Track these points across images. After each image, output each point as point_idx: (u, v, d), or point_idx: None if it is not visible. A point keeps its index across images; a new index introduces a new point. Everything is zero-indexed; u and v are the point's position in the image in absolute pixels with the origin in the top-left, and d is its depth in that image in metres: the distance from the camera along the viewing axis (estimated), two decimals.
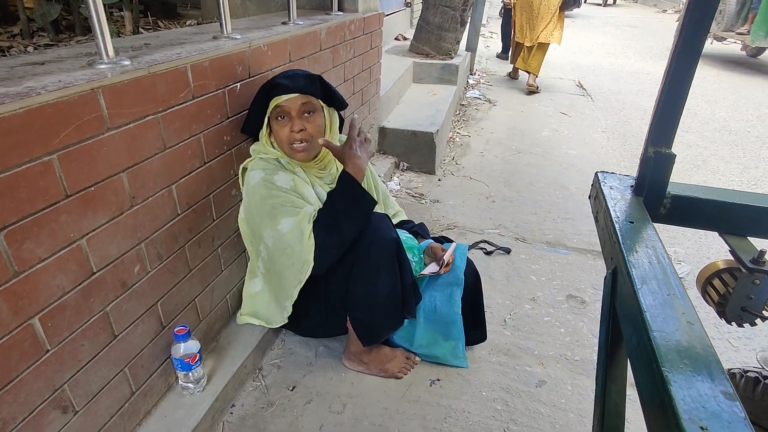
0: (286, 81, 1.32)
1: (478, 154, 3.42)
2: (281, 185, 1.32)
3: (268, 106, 1.33)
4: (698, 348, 0.50)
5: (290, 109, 1.32)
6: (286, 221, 1.29)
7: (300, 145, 1.34)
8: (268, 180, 1.31)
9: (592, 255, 2.28)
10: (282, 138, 1.35)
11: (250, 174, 1.34)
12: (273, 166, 1.35)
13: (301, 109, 1.33)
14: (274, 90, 1.31)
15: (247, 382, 1.48)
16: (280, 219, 1.29)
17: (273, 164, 1.36)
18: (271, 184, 1.31)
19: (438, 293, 1.55)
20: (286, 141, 1.34)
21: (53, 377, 0.93)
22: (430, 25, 4.07)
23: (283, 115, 1.33)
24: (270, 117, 1.35)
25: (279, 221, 1.29)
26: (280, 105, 1.31)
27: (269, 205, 1.31)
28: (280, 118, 1.33)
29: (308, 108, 1.35)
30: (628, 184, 0.86)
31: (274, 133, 1.36)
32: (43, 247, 0.87)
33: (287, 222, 1.29)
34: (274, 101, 1.31)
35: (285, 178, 1.34)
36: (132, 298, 1.11)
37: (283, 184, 1.33)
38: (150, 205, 1.11)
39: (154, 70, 1.05)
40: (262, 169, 1.33)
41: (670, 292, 0.57)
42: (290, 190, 1.33)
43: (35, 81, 0.90)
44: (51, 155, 0.85)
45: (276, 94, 1.31)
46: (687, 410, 0.42)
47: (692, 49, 0.73)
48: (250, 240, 1.43)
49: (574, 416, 1.45)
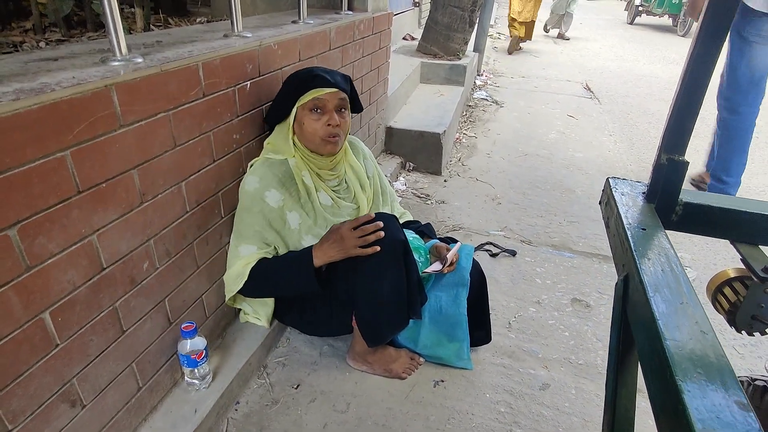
0: (326, 75, 1.33)
1: (484, 156, 3.41)
2: (269, 202, 1.35)
3: (300, 97, 1.33)
4: (712, 357, 0.50)
5: (328, 103, 1.33)
6: (247, 248, 1.37)
7: (334, 138, 1.36)
8: (259, 194, 1.34)
9: (598, 259, 2.27)
10: (315, 129, 1.35)
11: (248, 177, 1.36)
12: (271, 177, 1.35)
13: (338, 104, 1.35)
14: (316, 81, 1.31)
15: (252, 380, 1.49)
16: (243, 243, 1.36)
17: (274, 174, 1.36)
18: (259, 200, 1.34)
19: (443, 294, 1.55)
20: (320, 134, 1.35)
21: (62, 371, 0.94)
22: (439, 25, 4.06)
23: (320, 107, 1.33)
24: (300, 108, 1.35)
25: (242, 243, 1.37)
26: (319, 97, 1.32)
27: (245, 222, 1.36)
28: (316, 110, 1.34)
29: (344, 105, 1.37)
30: (640, 191, 0.86)
31: (305, 126, 1.35)
32: (54, 242, 0.87)
33: (247, 249, 1.37)
34: (314, 92, 1.31)
35: (276, 197, 1.35)
36: (140, 294, 1.11)
37: (270, 202, 1.35)
38: (160, 202, 1.12)
39: (167, 68, 1.06)
40: (260, 177, 1.34)
41: (683, 300, 0.57)
42: (276, 209, 1.36)
43: (49, 77, 0.90)
44: (64, 151, 0.86)
45: (317, 85, 1.31)
46: (701, 420, 0.42)
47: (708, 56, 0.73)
48: None
49: (578, 420, 1.44)
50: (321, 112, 1.34)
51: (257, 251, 1.37)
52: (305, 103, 1.33)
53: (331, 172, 1.48)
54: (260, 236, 1.37)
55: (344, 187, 1.53)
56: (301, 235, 1.41)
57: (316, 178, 1.44)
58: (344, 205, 1.49)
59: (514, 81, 5.53)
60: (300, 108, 1.35)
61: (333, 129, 1.35)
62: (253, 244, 1.37)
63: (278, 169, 1.37)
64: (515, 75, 5.80)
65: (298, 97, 1.33)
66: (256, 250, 1.37)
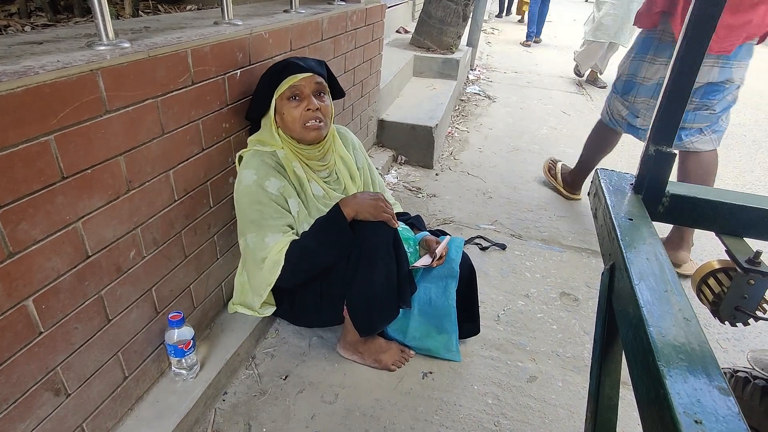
0: (299, 61, 1.32)
1: (476, 150, 3.42)
2: (272, 191, 1.33)
3: (277, 88, 1.32)
4: (694, 344, 0.50)
5: (304, 88, 1.32)
6: (273, 237, 1.33)
7: (315, 123, 1.34)
8: (260, 185, 1.32)
9: (587, 253, 2.29)
10: (295, 117, 1.33)
11: (243, 173, 1.34)
12: (266, 167, 1.34)
13: (315, 89, 1.34)
14: (288, 69, 1.30)
15: (240, 370, 1.48)
16: (268, 233, 1.33)
17: (267, 163, 1.35)
18: (262, 190, 1.32)
19: (433, 285, 1.55)
20: (300, 120, 1.33)
21: (46, 359, 0.93)
22: (432, 18, 4.05)
23: (297, 95, 1.32)
24: (279, 100, 1.33)
25: (266, 234, 1.33)
26: (294, 84, 1.31)
27: (257, 212, 1.32)
28: (293, 98, 1.32)
29: (321, 89, 1.36)
30: (628, 182, 0.87)
31: (285, 116, 1.34)
32: (38, 228, 0.86)
33: (273, 238, 1.33)
34: (288, 80, 1.30)
35: (276, 184, 1.34)
36: (127, 283, 1.10)
37: (273, 190, 1.33)
38: (147, 190, 1.11)
39: (154, 54, 1.04)
40: (255, 170, 1.33)
41: (668, 289, 0.57)
42: (279, 196, 1.34)
43: (33, 60, 0.89)
44: (48, 136, 0.84)
45: (290, 73, 1.30)
46: (682, 404, 0.43)
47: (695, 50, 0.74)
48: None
49: (564, 412, 1.46)
50: (299, 99, 1.33)
51: (284, 237, 1.33)
52: (282, 93, 1.32)
53: (321, 163, 1.47)
54: (282, 222, 1.34)
55: (334, 178, 1.53)
56: (299, 223, 1.40)
57: (307, 169, 1.43)
58: (335, 195, 1.49)
59: (507, 76, 5.53)
60: (278, 99, 1.33)
61: (313, 113, 1.33)
62: (277, 232, 1.33)
63: (270, 159, 1.36)
64: (508, 70, 5.81)
65: (275, 89, 1.32)
66: (283, 236, 1.33)
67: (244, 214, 1.35)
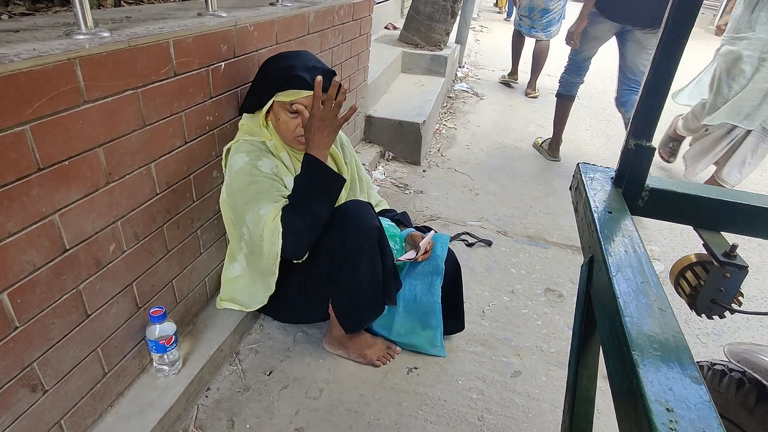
0: (306, 75, 1.28)
1: (463, 147, 3.43)
2: (265, 170, 1.31)
3: (279, 92, 1.29)
4: (668, 335, 0.51)
5: (306, 108, 1.29)
6: (266, 207, 1.28)
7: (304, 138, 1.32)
8: (253, 165, 1.29)
9: (572, 250, 2.31)
10: (290, 128, 1.32)
11: (234, 157, 1.32)
12: (257, 150, 1.32)
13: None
14: (294, 82, 1.27)
15: (224, 366, 1.47)
16: (262, 204, 1.28)
17: (257, 147, 1.33)
18: (255, 170, 1.29)
19: (418, 282, 1.55)
20: (293, 132, 1.32)
21: (22, 355, 0.91)
22: (421, 15, 4.05)
23: (297, 111, 1.30)
24: (278, 103, 1.31)
25: (261, 206, 1.28)
26: (297, 101, 1.28)
27: (253, 191, 1.29)
28: (293, 112, 1.30)
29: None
30: (609, 176, 0.88)
31: (280, 121, 1.32)
32: (13, 220, 0.84)
33: (267, 207, 1.28)
34: (293, 94, 1.28)
35: (269, 164, 1.32)
36: (106, 277, 1.08)
37: (266, 170, 1.31)
38: (127, 182, 1.09)
39: (135, 44, 1.02)
40: (246, 152, 1.31)
41: (644, 280, 0.58)
42: (274, 175, 1.32)
43: (8, 48, 0.86)
44: (23, 126, 0.82)
45: (296, 87, 1.27)
46: (654, 393, 0.43)
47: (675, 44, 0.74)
48: (231, 223, 1.41)
49: (548, 406, 1.47)
50: (297, 113, 1.31)
51: (277, 204, 1.29)
52: (283, 102, 1.30)
53: None
54: (275, 191, 1.31)
55: None
56: None
57: (296, 161, 1.42)
58: None
59: (495, 74, 5.55)
60: (278, 103, 1.32)
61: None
62: (271, 202, 1.29)
63: (262, 145, 1.35)
64: (496, 68, 5.83)
65: (277, 91, 1.30)
66: (276, 204, 1.29)
67: (241, 197, 1.30)
